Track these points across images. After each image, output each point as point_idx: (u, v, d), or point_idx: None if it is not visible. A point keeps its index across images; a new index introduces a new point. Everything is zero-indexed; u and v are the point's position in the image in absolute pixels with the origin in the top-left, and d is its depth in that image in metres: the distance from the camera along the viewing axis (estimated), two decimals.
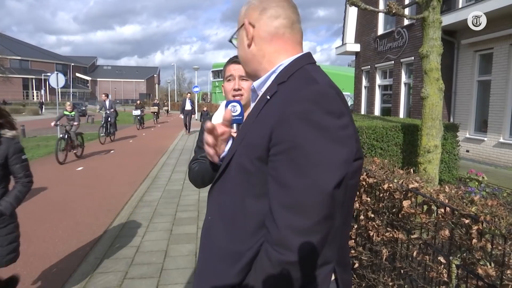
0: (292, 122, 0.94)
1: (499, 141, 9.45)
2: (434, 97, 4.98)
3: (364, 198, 2.69)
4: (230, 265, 1.06)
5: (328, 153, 0.91)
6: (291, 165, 0.92)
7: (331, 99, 0.96)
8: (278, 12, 1.12)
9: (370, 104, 15.76)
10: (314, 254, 0.92)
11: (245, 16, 1.16)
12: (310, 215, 0.89)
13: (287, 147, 0.93)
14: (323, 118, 0.93)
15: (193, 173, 1.81)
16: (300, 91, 0.98)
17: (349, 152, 0.95)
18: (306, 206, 0.89)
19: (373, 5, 13.99)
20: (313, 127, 0.92)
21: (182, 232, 4.77)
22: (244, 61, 1.21)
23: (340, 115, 0.95)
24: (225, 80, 1.82)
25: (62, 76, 14.84)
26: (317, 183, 0.90)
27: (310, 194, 0.89)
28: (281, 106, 0.98)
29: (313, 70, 1.08)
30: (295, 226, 0.90)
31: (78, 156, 10.94)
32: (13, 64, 70.09)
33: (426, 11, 4.92)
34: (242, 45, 1.18)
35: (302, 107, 0.94)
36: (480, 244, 1.66)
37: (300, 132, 0.92)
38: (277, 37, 1.12)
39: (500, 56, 9.40)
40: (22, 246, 4.37)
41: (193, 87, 27.88)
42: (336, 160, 0.92)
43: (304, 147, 0.91)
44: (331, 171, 0.91)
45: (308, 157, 0.91)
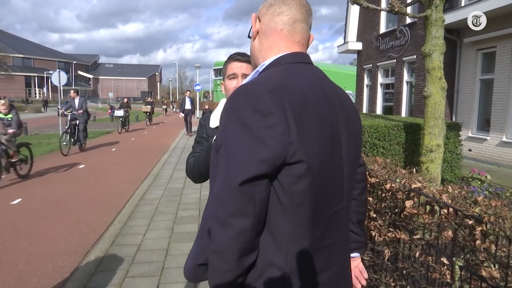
0: (224, 118, 1.01)
1: (501, 140, 9.41)
2: (436, 96, 4.95)
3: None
4: (196, 243, 1.36)
5: (244, 150, 0.94)
6: (220, 158, 0.98)
7: (260, 97, 0.96)
8: (282, 8, 1.13)
9: (372, 102, 15.72)
10: (232, 247, 0.94)
11: (258, 12, 1.20)
12: (224, 207, 0.93)
13: (221, 142, 1.00)
14: (247, 115, 0.95)
15: (189, 166, 1.80)
16: (237, 89, 1.02)
17: (268, 151, 0.93)
18: (222, 199, 0.94)
19: (375, 3, 13.94)
20: (236, 123, 0.96)
21: (184, 231, 4.76)
22: (250, 55, 1.26)
23: (267, 114, 0.94)
24: (226, 77, 1.77)
25: (64, 74, 14.85)
26: (228, 177, 0.94)
27: (224, 187, 0.94)
28: None
29: (282, 70, 1.07)
30: (215, 215, 0.95)
31: (23, 176, 7.88)
32: (15, 62, 70.24)
33: (428, 9, 4.88)
34: (251, 40, 1.23)
35: (232, 104, 1.00)
36: (484, 245, 1.64)
37: (227, 127, 0.98)
38: (274, 33, 1.14)
39: (503, 55, 9.35)
40: (23, 244, 4.40)
41: (195, 85, 27.88)
42: (249, 157, 0.93)
43: (227, 141, 0.97)
44: (241, 167, 0.93)
45: (228, 152, 0.96)
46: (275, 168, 0.95)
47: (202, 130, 1.88)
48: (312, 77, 1.09)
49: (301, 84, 1.04)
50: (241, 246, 0.95)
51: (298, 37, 1.15)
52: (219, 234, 0.94)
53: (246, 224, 0.94)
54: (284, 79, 1.03)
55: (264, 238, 1.01)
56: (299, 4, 1.14)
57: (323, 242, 1.07)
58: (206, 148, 1.71)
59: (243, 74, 1.71)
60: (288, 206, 0.99)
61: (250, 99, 0.97)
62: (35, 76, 70.88)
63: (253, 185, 0.93)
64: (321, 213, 1.04)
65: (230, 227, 0.93)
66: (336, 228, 1.11)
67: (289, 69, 1.08)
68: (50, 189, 7.08)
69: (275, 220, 1.00)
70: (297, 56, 1.13)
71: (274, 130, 0.94)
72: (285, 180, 0.97)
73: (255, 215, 0.94)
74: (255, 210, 0.94)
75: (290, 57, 1.12)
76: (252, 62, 1.26)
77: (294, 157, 0.96)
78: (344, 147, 1.10)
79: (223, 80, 1.82)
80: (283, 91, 0.98)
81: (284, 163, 0.96)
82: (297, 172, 0.97)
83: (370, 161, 2.98)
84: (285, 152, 0.95)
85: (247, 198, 0.93)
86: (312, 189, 1.00)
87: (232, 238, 0.93)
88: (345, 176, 1.12)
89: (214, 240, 0.95)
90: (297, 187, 0.98)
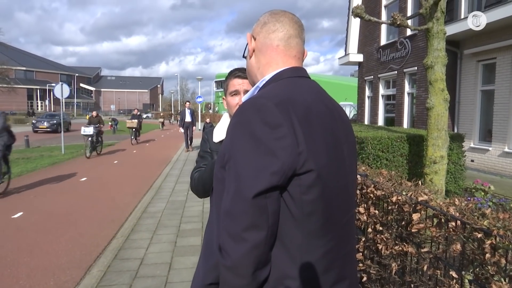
0: (232, 132, 1.02)
1: (504, 151, 9.39)
2: (439, 108, 4.96)
3: (372, 211, 2.66)
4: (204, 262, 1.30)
5: (255, 162, 0.94)
6: (229, 173, 0.98)
7: (268, 110, 0.98)
8: (276, 26, 1.18)
9: (373, 114, 15.75)
10: (247, 262, 0.93)
11: (252, 31, 1.24)
12: (237, 221, 0.93)
13: (229, 156, 1.00)
14: (256, 128, 0.96)
15: (194, 182, 1.80)
16: (243, 104, 1.04)
17: (279, 163, 0.94)
18: (234, 212, 0.94)
19: (375, 16, 14.07)
20: (245, 136, 0.97)
21: (187, 244, 4.73)
22: (247, 73, 1.29)
23: (276, 127, 0.96)
24: (227, 94, 1.79)
25: (67, 87, 14.94)
26: (240, 191, 0.94)
27: (235, 201, 0.94)
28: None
29: (284, 84, 1.10)
30: (228, 230, 0.94)
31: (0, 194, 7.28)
32: (18, 74, 70.72)
33: (430, 22, 4.93)
34: (247, 58, 1.26)
35: (239, 118, 1.01)
36: (494, 259, 1.63)
37: (235, 141, 0.99)
38: (270, 49, 1.17)
39: (503, 66, 9.40)
40: (25, 259, 4.37)
41: (197, 97, 28.02)
42: (261, 170, 0.94)
43: (236, 155, 0.97)
44: (253, 180, 0.93)
45: (238, 165, 0.96)
46: (286, 179, 0.96)
47: (206, 144, 1.89)
48: (312, 90, 1.12)
49: (304, 97, 1.06)
50: (256, 260, 0.94)
51: (294, 52, 1.19)
52: (232, 249, 0.93)
53: (260, 237, 0.94)
54: (288, 92, 1.05)
55: (276, 250, 1.00)
56: (291, 20, 1.19)
57: (337, 252, 1.07)
58: (211, 164, 1.71)
59: (245, 90, 1.73)
60: (299, 217, 0.99)
61: (258, 112, 0.98)
62: (37, 89, 71.26)
63: (265, 197, 0.94)
64: (333, 222, 1.05)
65: (245, 241, 0.93)
66: (349, 237, 1.12)
67: (290, 83, 1.11)
68: (52, 202, 7.06)
69: (287, 232, 1.00)
70: (295, 70, 1.16)
71: (284, 141, 0.96)
72: (295, 190, 0.98)
73: (268, 227, 0.95)
74: (268, 223, 0.94)
75: (289, 71, 1.15)
76: (249, 79, 1.28)
77: (304, 167, 0.97)
78: (346, 156, 1.12)
79: (224, 95, 1.84)
80: (289, 103, 1.01)
81: (294, 173, 0.97)
82: (307, 182, 0.98)
83: (375, 173, 2.97)
84: (295, 163, 0.96)
85: (260, 210, 0.93)
86: (322, 198, 1.01)
87: (247, 252, 0.93)
88: (350, 184, 1.14)
89: (227, 255, 0.94)
90: (307, 197, 0.99)
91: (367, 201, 2.76)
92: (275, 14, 1.20)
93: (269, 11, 1.23)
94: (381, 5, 14.86)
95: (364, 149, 5.77)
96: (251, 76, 1.25)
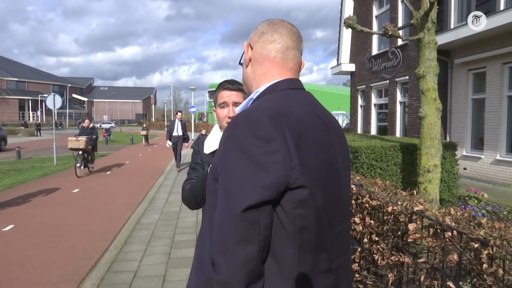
0: (224, 145, 1.01)
1: (496, 159, 9.48)
2: (432, 117, 5.00)
3: (367, 221, 2.66)
4: (196, 276, 1.24)
5: (246, 176, 0.94)
6: (221, 186, 0.98)
7: (260, 124, 0.97)
8: (274, 36, 1.17)
9: (366, 123, 15.85)
10: (239, 276, 0.92)
11: (249, 40, 1.23)
12: (228, 235, 0.92)
13: (221, 169, 0.99)
14: (248, 142, 0.96)
15: (185, 194, 1.82)
16: (236, 117, 1.03)
17: (271, 177, 0.93)
18: (225, 226, 0.93)
19: (367, 26, 14.25)
20: (238, 150, 0.96)
21: (181, 256, 4.68)
22: (243, 82, 1.27)
23: (268, 140, 0.95)
24: (217, 106, 1.81)
25: (59, 98, 14.86)
26: (231, 204, 0.93)
27: (226, 215, 0.93)
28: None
29: (277, 96, 1.10)
30: (219, 244, 0.93)
31: None
32: (9, 85, 70.34)
33: (421, 32, 4.99)
34: (243, 67, 1.25)
35: (232, 131, 1.00)
36: (491, 269, 1.62)
37: (227, 154, 0.98)
38: (267, 60, 1.17)
39: (493, 75, 9.54)
40: (16, 273, 4.28)
41: (190, 107, 28.02)
42: (252, 184, 0.93)
43: (228, 168, 0.97)
44: (244, 194, 0.93)
45: (229, 179, 0.96)
46: (278, 193, 0.95)
47: (197, 156, 1.90)
48: (306, 103, 1.11)
49: (297, 109, 1.05)
50: (248, 274, 0.92)
51: (291, 64, 1.18)
52: (224, 263, 0.92)
53: (252, 251, 0.92)
54: (281, 105, 1.05)
55: (268, 264, 0.99)
56: (290, 31, 1.18)
57: (330, 264, 1.06)
58: (202, 177, 1.71)
59: (233, 102, 1.75)
60: (291, 230, 0.98)
61: (251, 125, 0.98)
62: (29, 100, 70.84)
63: (257, 211, 0.93)
64: (324, 235, 1.04)
65: (236, 255, 0.91)
66: (341, 249, 1.12)
67: (283, 95, 1.11)
68: (44, 215, 6.95)
69: (279, 245, 0.99)
70: (290, 82, 1.16)
71: (276, 156, 0.95)
72: (288, 204, 0.97)
73: (260, 241, 0.93)
74: (260, 236, 0.93)
75: (283, 83, 1.14)
76: (245, 88, 1.27)
77: (296, 182, 0.96)
78: (341, 168, 1.12)
79: (214, 107, 1.85)
80: (282, 117, 1.00)
81: (286, 188, 0.96)
82: (299, 196, 0.97)
83: (369, 183, 2.98)
84: (288, 177, 0.95)
85: (251, 224, 0.92)
86: (315, 212, 1.00)
87: (239, 266, 0.91)
88: (344, 196, 1.14)
89: (219, 270, 0.93)
90: (300, 211, 0.98)
91: (362, 211, 2.76)
92: (273, 24, 1.19)
93: (268, 20, 1.22)
94: (372, 16, 15.07)
95: (358, 158, 5.79)
96: (246, 86, 1.24)
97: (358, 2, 16.20)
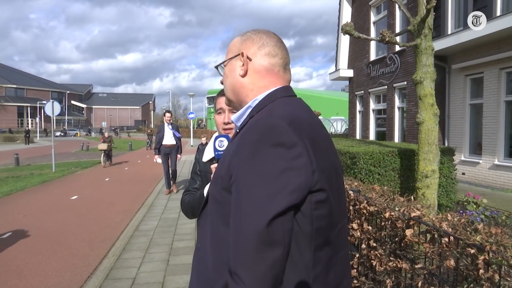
0: (240, 154, 0.99)
1: (494, 163, 9.50)
2: (429, 123, 5.02)
3: (365, 227, 2.66)
4: None
5: (272, 183, 0.94)
6: (237, 196, 0.96)
7: (282, 130, 0.98)
8: (276, 51, 1.19)
9: (365, 128, 15.88)
10: (264, 283, 0.91)
11: (242, 48, 1.20)
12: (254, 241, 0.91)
13: (235, 179, 0.98)
14: (272, 149, 0.96)
15: (184, 205, 1.83)
16: (253, 124, 1.03)
17: (297, 181, 0.95)
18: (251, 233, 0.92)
19: (364, 32, 14.34)
20: (261, 157, 0.96)
21: (180, 263, 4.66)
22: (231, 89, 1.23)
23: (291, 146, 0.97)
24: (216, 112, 1.83)
25: (58, 104, 14.88)
26: (258, 211, 0.92)
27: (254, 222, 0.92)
28: (239, 138, 1.05)
29: (283, 103, 1.12)
30: (243, 251, 0.92)
31: None
32: (8, 92, 70.44)
33: (418, 38, 5.03)
34: (233, 74, 1.21)
35: (250, 139, 0.99)
36: (487, 274, 1.63)
37: (249, 162, 0.97)
38: (271, 74, 1.19)
39: (490, 80, 9.59)
40: (14, 280, 4.26)
41: (189, 113, 28.00)
42: (280, 189, 0.93)
43: (251, 176, 0.96)
44: (271, 200, 0.93)
45: (254, 186, 0.94)
46: (303, 197, 0.97)
47: (196, 165, 1.91)
48: (305, 108, 1.14)
49: (304, 115, 1.09)
50: (274, 279, 0.92)
51: (289, 77, 1.23)
52: (248, 272, 0.91)
53: (277, 256, 0.93)
54: (293, 111, 1.07)
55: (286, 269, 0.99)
56: (284, 46, 1.23)
57: (334, 258, 1.09)
58: (199, 195, 1.71)
59: (230, 109, 1.76)
60: (308, 232, 1.00)
61: (272, 132, 0.99)
62: (28, 106, 70.86)
63: (284, 216, 0.94)
64: (332, 232, 1.08)
65: (262, 260, 0.91)
66: (342, 242, 1.15)
67: (287, 102, 1.13)
68: (42, 222, 6.93)
69: (295, 247, 1.00)
70: (286, 89, 1.19)
71: (300, 160, 0.97)
72: (306, 207, 0.99)
73: (285, 245, 0.94)
74: (285, 240, 0.94)
75: (281, 91, 1.17)
76: (233, 97, 1.24)
77: (317, 185, 0.99)
78: (339, 170, 1.17)
79: (214, 114, 1.88)
80: (299, 122, 1.03)
81: (309, 191, 0.98)
82: (318, 198, 1.00)
83: (367, 189, 2.98)
84: (310, 181, 0.98)
85: (277, 229, 0.93)
86: (329, 213, 1.04)
87: (265, 272, 0.91)
88: (343, 196, 1.19)
89: (243, 280, 0.91)
90: (317, 213, 1.00)
91: (360, 217, 2.76)
92: (271, 37, 1.21)
93: (263, 32, 1.22)
94: (369, 22, 15.16)
95: (356, 164, 5.80)
96: (239, 94, 1.21)
97: (356, 9, 16.31)
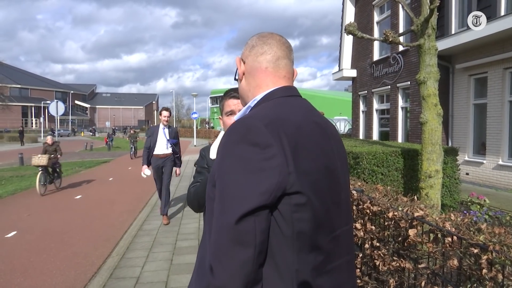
0: (221, 152, 1.03)
1: (498, 164, 9.46)
2: (433, 122, 5.01)
3: (368, 227, 2.66)
4: (197, 282, 1.21)
5: (243, 182, 0.96)
6: (218, 192, 1.00)
7: (257, 130, 0.99)
8: (264, 48, 1.21)
9: (368, 128, 15.85)
10: (235, 281, 0.93)
11: (241, 55, 1.27)
12: (223, 240, 0.94)
13: (217, 175, 1.01)
14: (245, 148, 0.98)
15: (190, 196, 1.85)
16: (235, 124, 1.05)
17: (268, 182, 0.95)
18: (221, 232, 0.95)
19: (368, 32, 14.31)
20: (235, 156, 0.98)
21: (183, 262, 4.68)
22: (240, 95, 1.31)
23: (265, 147, 0.97)
24: (223, 114, 1.85)
25: (62, 104, 14.97)
26: (226, 211, 0.95)
27: (222, 221, 0.95)
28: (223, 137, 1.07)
29: (275, 104, 1.12)
30: (215, 249, 0.95)
31: None
32: (12, 92, 70.78)
33: (421, 38, 5.02)
34: (238, 82, 1.29)
35: (229, 138, 1.02)
36: (490, 274, 1.63)
37: (224, 161, 1.00)
38: (259, 71, 1.20)
39: (494, 80, 9.55)
40: (18, 279, 4.30)
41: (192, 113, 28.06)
42: (249, 189, 0.95)
43: (225, 175, 0.99)
44: (240, 199, 0.94)
45: (226, 185, 0.97)
46: (275, 198, 0.97)
47: (203, 160, 1.93)
48: (303, 109, 1.14)
49: (294, 116, 1.08)
50: (244, 278, 0.94)
51: (283, 72, 1.22)
52: (220, 268, 0.94)
53: (247, 255, 0.94)
54: (278, 112, 1.07)
55: (267, 269, 1.00)
56: (279, 42, 1.23)
57: (328, 265, 1.08)
58: (205, 179, 1.75)
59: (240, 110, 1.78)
60: (289, 234, 1.00)
61: (248, 132, 1.00)
62: (32, 106, 71.23)
63: (254, 216, 0.94)
64: (323, 238, 1.06)
65: (232, 259, 0.93)
66: (341, 250, 1.13)
67: (281, 102, 1.13)
68: (47, 221, 6.98)
69: (278, 250, 1.00)
70: (286, 90, 1.19)
71: (274, 161, 0.97)
72: (285, 209, 0.99)
73: (256, 245, 0.95)
74: (255, 240, 0.95)
75: (279, 91, 1.18)
76: (242, 101, 1.31)
77: (293, 187, 0.98)
78: (340, 173, 1.15)
79: (221, 115, 1.89)
80: (279, 123, 1.02)
81: (284, 193, 0.98)
82: (297, 201, 0.99)
83: (371, 188, 2.99)
84: (284, 183, 0.97)
85: (247, 229, 0.94)
86: (313, 216, 1.02)
87: (235, 270, 0.93)
88: (343, 200, 1.16)
89: (216, 275, 0.95)
90: (297, 215, 1.00)
91: (363, 217, 2.77)
92: (262, 37, 1.24)
93: (257, 34, 1.27)
94: (373, 22, 15.13)
95: (359, 164, 5.79)
96: (243, 98, 1.28)
97: (359, 9, 16.28)
